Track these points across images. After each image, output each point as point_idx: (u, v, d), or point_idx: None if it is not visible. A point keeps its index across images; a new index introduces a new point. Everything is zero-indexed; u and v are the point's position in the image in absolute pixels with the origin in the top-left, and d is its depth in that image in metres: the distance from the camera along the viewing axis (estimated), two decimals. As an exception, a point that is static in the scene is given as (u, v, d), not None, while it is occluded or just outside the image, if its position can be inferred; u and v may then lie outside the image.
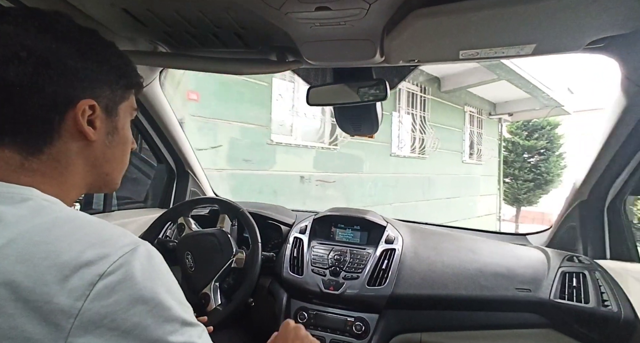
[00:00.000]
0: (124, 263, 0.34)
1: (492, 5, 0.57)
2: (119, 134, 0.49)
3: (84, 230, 0.35)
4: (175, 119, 1.29)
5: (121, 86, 0.48)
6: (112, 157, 0.48)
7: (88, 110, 0.42)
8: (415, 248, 1.08)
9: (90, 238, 0.35)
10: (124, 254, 0.34)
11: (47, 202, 0.38)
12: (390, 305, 0.97)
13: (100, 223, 0.38)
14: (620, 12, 0.59)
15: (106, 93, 0.45)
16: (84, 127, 0.42)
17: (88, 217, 0.38)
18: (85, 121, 0.42)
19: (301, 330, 0.71)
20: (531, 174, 8.83)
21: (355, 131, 1.08)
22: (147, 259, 0.36)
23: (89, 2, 0.69)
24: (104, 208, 1.23)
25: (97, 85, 0.44)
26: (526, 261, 1.01)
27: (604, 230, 1.02)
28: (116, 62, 0.47)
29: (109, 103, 0.46)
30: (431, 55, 0.81)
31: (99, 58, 0.44)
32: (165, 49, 0.91)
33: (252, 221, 1.04)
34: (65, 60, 0.40)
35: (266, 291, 1.11)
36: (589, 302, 0.85)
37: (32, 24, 0.39)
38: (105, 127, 0.46)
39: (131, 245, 0.36)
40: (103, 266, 0.33)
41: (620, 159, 0.91)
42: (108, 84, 0.45)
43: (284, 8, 0.61)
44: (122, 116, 0.49)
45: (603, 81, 7.90)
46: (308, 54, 0.82)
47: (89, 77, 0.43)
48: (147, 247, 0.37)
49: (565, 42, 0.71)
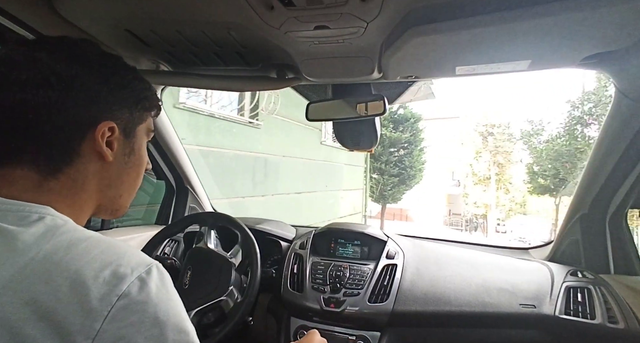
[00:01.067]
0: (141, 284, 0.34)
1: (487, 23, 0.59)
2: (135, 155, 0.50)
3: (99, 248, 0.36)
4: (176, 135, 1.30)
5: (140, 109, 0.49)
6: (126, 178, 0.50)
7: (107, 132, 0.44)
8: (417, 263, 1.07)
9: (106, 257, 0.35)
10: (140, 274, 0.35)
11: (62, 221, 0.38)
12: (392, 322, 0.95)
13: (112, 241, 0.38)
14: (612, 29, 0.60)
15: (125, 115, 0.47)
16: (102, 148, 0.44)
17: (100, 235, 0.38)
18: (104, 142, 0.44)
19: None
20: (396, 168, 8.77)
21: (354, 145, 1.08)
22: (161, 280, 0.37)
23: (93, 23, 0.71)
24: (102, 225, 1.22)
25: (117, 108, 0.46)
26: (530, 276, 1.00)
27: (607, 244, 1.01)
28: (137, 86, 0.49)
29: (128, 125, 0.48)
30: (428, 71, 0.82)
31: (122, 82, 0.46)
32: (167, 68, 0.93)
33: (253, 240, 1.01)
34: (90, 85, 0.43)
35: (265, 309, 1.09)
36: (595, 317, 0.83)
37: (63, 52, 0.42)
38: (122, 148, 0.47)
39: (145, 265, 0.36)
40: (121, 286, 0.33)
41: (619, 172, 0.91)
42: (128, 107, 0.47)
43: (283, 27, 0.63)
44: (139, 137, 0.51)
45: (459, 92, 8.19)
46: (307, 71, 0.84)
47: (110, 100, 0.45)
48: (159, 267, 0.38)
49: (560, 58, 0.72)
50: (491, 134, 16.54)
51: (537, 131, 13.43)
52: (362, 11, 0.56)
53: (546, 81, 31.39)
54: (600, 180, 0.95)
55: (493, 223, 16.62)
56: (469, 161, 17.33)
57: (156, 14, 0.65)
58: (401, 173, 8.66)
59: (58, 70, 0.40)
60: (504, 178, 16.61)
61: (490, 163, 16.59)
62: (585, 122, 11.32)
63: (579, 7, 0.54)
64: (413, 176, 8.80)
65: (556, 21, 0.57)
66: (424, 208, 17.96)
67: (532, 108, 15.02)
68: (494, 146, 16.47)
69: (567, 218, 1.10)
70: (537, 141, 13.34)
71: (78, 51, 0.44)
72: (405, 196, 9.17)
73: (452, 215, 18.67)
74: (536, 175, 12.52)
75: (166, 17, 0.66)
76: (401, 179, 8.69)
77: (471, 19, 0.59)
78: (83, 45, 0.45)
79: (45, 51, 0.41)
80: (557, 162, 11.44)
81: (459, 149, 17.81)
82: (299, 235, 1.25)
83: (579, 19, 0.56)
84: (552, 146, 11.91)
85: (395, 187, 8.68)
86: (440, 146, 16.74)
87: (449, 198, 18.86)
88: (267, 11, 0.58)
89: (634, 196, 0.94)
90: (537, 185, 12.54)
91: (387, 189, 8.70)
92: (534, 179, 12.62)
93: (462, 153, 17.70)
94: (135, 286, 0.34)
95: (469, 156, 17.32)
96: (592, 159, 0.95)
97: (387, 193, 8.74)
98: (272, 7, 0.56)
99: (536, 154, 12.84)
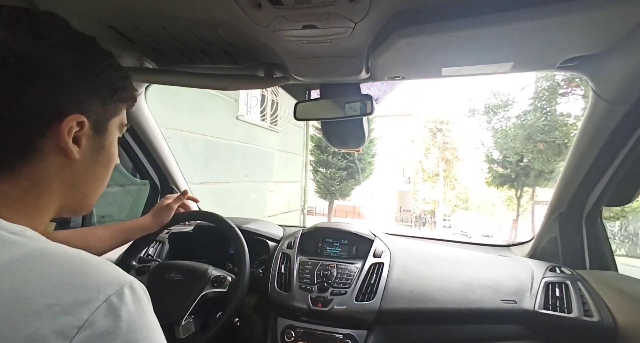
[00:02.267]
0: (108, 311, 0.29)
1: (472, 25, 0.61)
2: (105, 152, 0.44)
3: (58, 267, 0.30)
4: (161, 134, 1.28)
5: (115, 101, 0.43)
6: (93, 177, 0.44)
7: (76, 126, 0.38)
8: (403, 261, 1.08)
9: (66, 278, 0.29)
10: (107, 298, 0.29)
11: (14, 235, 0.32)
12: (378, 320, 0.96)
13: (77, 255, 0.32)
14: (590, 34, 0.63)
15: (97, 108, 0.41)
16: (68, 145, 0.37)
17: (62, 249, 0.32)
18: (71, 138, 0.38)
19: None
20: (344, 161, 8.01)
21: (342, 145, 1.09)
22: (134, 303, 0.31)
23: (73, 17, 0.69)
24: (83, 226, 1.18)
25: (89, 98, 0.39)
26: (511, 273, 1.03)
27: (583, 241, 1.05)
28: (114, 74, 0.43)
29: (100, 119, 0.41)
30: (415, 72, 0.84)
31: (96, 69, 0.40)
32: (152, 65, 0.91)
33: (242, 239, 1.00)
34: (57, 69, 0.36)
35: (252, 310, 1.08)
36: (572, 311, 0.86)
37: (24, 28, 0.35)
38: (91, 145, 0.41)
39: (115, 286, 0.31)
40: (82, 314, 0.28)
41: (595, 172, 0.95)
42: (101, 99, 0.41)
43: (271, 26, 0.63)
44: (111, 132, 0.45)
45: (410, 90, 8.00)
46: (295, 71, 0.84)
47: (81, 89, 0.38)
48: (134, 285, 0.32)
49: (540, 61, 0.75)
50: (440, 130, 16.85)
51: (505, 103, 11.29)
52: (350, 11, 0.57)
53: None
54: (577, 179, 0.99)
55: (441, 219, 17.01)
56: (419, 158, 17.66)
57: (140, 10, 0.63)
58: (349, 166, 7.92)
59: (18, 49, 0.33)
60: (450, 174, 16.94)
61: (439, 159, 16.94)
62: (557, 91, 9.46)
63: (558, 12, 0.56)
64: (362, 170, 8.09)
65: (537, 25, 0.59)
66: (376, 205, 18.17)
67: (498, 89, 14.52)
68: (443, 142, 16.81)
69: (546, 216, 1.14)
70: (503, 117, 11.30)
71: (44, 27, 0.36)
72: (355, 192, 8.47)
73: (403, 212, 19.05)
74: (495, 163, 11.13)
75: (151, 13, 0.64)
76: (349, 173, 7.96)
77: (457, 21, 0.61)
78: (51, 21, 0.38)
79: (3, 25, 0.34)
80: (529, 142, 9.65)
81: (410, 147, 18.15)
82: (287, 235, 1.25)
83: (558, 23, 0.59)
84: (520, 123, 10.19)
85: (344, 181, 7.93)
86: (392, 143, 16.92)
87: (399, 194, 19.20)
88: (254, 9, 0.57)
89: (609, 195, 0.98)
90: (495, 175, 11.08)
91: (335, 183, 7.93)
92: (492, 169, 11.25)
93: (413, 150, 18.07)
94: (100, 313, 0.28)
95: (419, 153, 17.66)
96: (569, 159, 0.98)
97: (335, 188, 7.96)
98: (259, 5, 0.56)
99: (498, 137, 11.03)
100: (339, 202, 8.42)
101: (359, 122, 0.98)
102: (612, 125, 0.84)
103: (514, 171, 10.35)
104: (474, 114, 12.19)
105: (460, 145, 16.83)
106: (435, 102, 26.06)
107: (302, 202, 6.70)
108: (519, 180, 10.50)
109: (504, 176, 10.80)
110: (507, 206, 13.33)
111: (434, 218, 17.22)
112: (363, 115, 0.91)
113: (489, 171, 11.47)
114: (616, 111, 0.81)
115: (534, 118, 9.65)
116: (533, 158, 9.60)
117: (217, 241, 1.22)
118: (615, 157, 0.89)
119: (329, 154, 7.71)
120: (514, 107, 11.23)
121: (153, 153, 1.29)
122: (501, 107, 11.34)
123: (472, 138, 15.07)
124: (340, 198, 8.33)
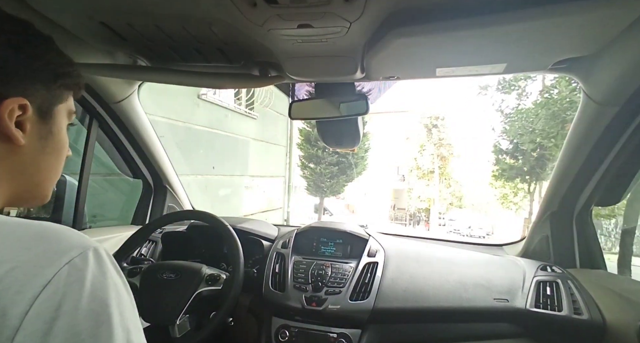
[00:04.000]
0: (72, 271, 0.29)
1: (467, 26, 0.61)
2: (54, 139, 0.43)
3: (20, 233, 0.30)
4: (154, 133, 1.26)
5: (59, 86, 0.43)
6: (44, 165, 0.43)
7: (17, 110, 0.37)
8: (397, 261, 1.09)
9: (28, 243, 0.29)
10: (71, 259, 0.29)
11: None
12: (372, 319, 0.96)
13: (40, 223, 0.32)
14: (581, 37, 0.64)
15: (41, 92, 0.40)
16: (11, 130, 0.37)
17: (21, 220, 0.32)
18: (14, 122, 0.37)
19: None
20: (335, 156, 7.55)
21: (338, 145, 1.09)
22: (98, 265, 0.31)
23: (66, 14, 0.68)
24: (74, 226, 1.17)
25: (30, 82, 0.39)
26: (503, 272, 1.04)
27: (573, 240, 1.07)
28: (55, 59, 0.42)
29: (44, 104, 0.41)
30: (409, 72, 0.84)
31: (35, 52, 0.39)
32: (145, 63, 0.90)
33: (236, 238, 0.99)
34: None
35: (246, 309, 1.08)
36: (562, 309, 0.88)
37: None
38: (37, 131, 0.41)
39: (79, 249, 0.30)
40: (47, 275, 0.28)
41: (585, 172, 0.96)
42: (43, 83, 0.40)
43: (266, 25, 0.62)
44: (58, 119, 0.44)
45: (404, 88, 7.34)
46: (291, 70, 0.83)
47: (21, 72, 0.38)
48: (99, 251, 0.32)
49: (532, 62, 0.76)
50: (435, 126, 16.62)
51: (517, 79, 9.10)
52: (346, 11, 0.57)
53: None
54: (568, 180, 1.00)
55: (436, 217, 16.93)
56: (413, 155, 17.40)
57: (133, 7, 0.63)
58: (341, 161, 7.43)
59: None
60: (446, 171, 16.76)
61: (434, 156, 16.76)
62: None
63: (550, 14, 0.57)
64: (355, 165, 7.62)
65: (530, 27, 0.60)
66: (371, 203, 18.15)
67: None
68: (438, 138, 16.62)
69: (538, 216, 1.15)
70: (522, 94, 9.18)
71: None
72: (347, 188, 7.97)
73: (397, 210, 19.12)
74: (505, 154, 9.46)
75: (143, 11, 0.63)
76: (341, 168, 7.45)
77: (452, 21, 0.61)
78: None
79: None
80: (555, 123, 7.67)
81: (405, 144, 17.96)
82: (281, 234, 1.25)
83: (550, 25, 0.60)
84: (544, 99, 8.07)
85: (335, 178, 7.44)
86: (386, 140, 16.69)
87: (394, 193, 19.20)
88: (249, 7, 0.57)
89: (599, 195, 0.99)
90: (505, 168, 9.45)
91: (325, 180, 7.45)
92: (501, 161, 9.59)
93: (408, 147, 17.86)
94: (63, 273, 0.28)
95: (414, 150, 17.36)
96: (561, 159, 1.00)
97: (325, 184, 7.45)
98: (254, 4, 0.56)
99: (514, 119, 9.14)
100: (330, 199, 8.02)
101: (354, 122, 0.98)
102: (602, 126, 0.85)
103: (527, 161, 8.82)
104: (486, 91, 9.98)
105: (455, 141, 16.69)
106: (430, 97, 25.89)
107: (286, 200, 6.16)
108: (533, 173, 8.94)
109: (515, 169, 9.27)
110: (501, 204, 12.87)
111: (429, 216, 17.27)
112: (358, 114, 0.92)
113: (497, 163, 9.82)
114: (606, 112, 0.82)
115: (565, 90, 7.39)
116: (555, 144, 7.80)
117: (211, 240, 1.21)
118: (604, 158, 0.91)
119: (319, 149, 7.29)
120: (537, 79, 9.10)
121: (146, 152, 1.28)
122: (521, 79, 9.16)
123: (470, 130, 14.48)
124: (331, 194, 7.99)
